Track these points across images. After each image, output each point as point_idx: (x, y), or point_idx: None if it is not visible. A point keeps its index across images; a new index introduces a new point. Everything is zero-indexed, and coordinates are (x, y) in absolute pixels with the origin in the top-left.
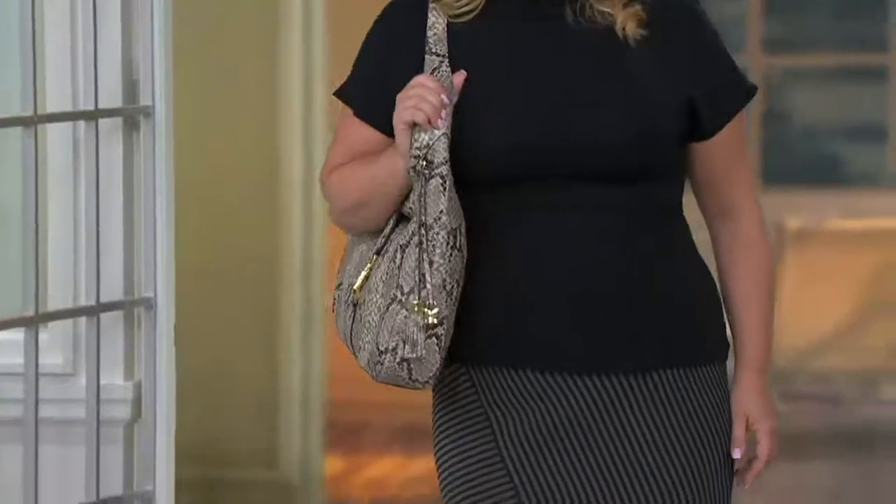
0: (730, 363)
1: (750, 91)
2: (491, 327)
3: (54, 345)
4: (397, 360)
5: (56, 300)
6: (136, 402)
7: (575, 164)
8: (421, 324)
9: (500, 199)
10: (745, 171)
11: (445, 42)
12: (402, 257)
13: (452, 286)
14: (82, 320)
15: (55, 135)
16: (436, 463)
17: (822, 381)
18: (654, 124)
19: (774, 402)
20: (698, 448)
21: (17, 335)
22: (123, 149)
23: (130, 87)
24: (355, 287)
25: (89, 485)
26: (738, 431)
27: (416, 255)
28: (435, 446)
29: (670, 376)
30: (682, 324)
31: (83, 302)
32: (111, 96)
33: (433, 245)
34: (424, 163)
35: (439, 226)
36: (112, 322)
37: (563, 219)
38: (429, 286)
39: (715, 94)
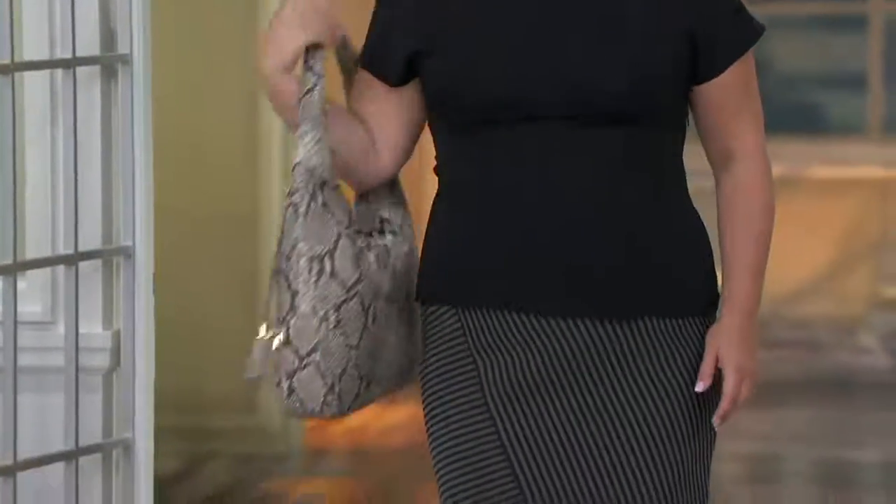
0: None
1: (756, 32)
2: (480, 270)
3: (33, 293)
4: (283, 393)
5: (34, 249)
6: (115, 351)
7: (569, 105)
8: (290, 358)
9: (492, 142)
10: (751, 119)
11: None
12: (276, 285)
13: (327, 311)
14: (60, 269)
15: (32, 83)
16: (422, 403)
17: (800, 328)
18: (651, 64)
19: (754, 347)
20: (677, 398)
21: None
22: (101, 97)
23: (108, 35)
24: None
25: (68, 433)
26: (705, 366)
27: (280, 285)
28: (422, 387)
29: (652, 325)
30: (666, 273)
31: (61, 250)
32: (89, 44)
33: (294, 274)
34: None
35: (296, 254)
36: (90, 271)
37: (553, 162)
38: (295, 318)
39: (716, 33)
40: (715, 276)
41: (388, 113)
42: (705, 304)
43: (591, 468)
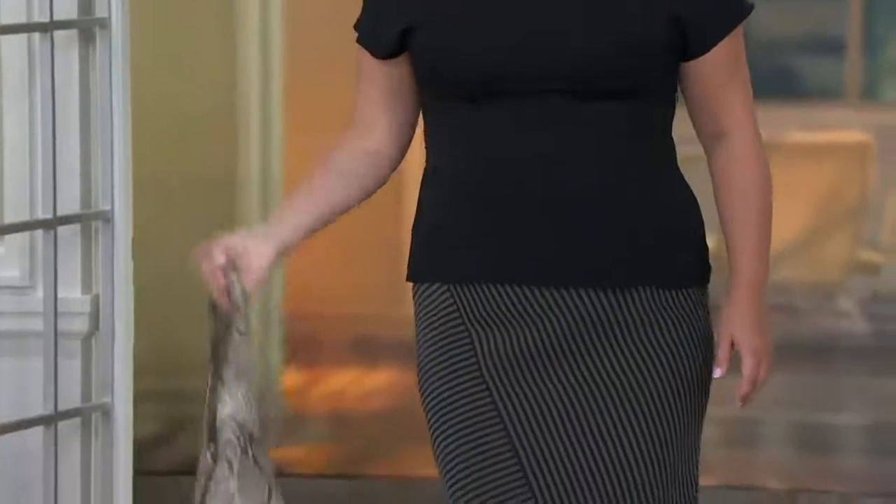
0: None
1: (745, 7)
2: (472, 245)
3: (11, 258)
4: None
5: (12, 213)
6: (94, 315)
7: (555, 80)
8: None
9: (479, 115)
10: (740, 91)
11: None
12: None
13: None
14: (39, 233)
15: (10, 47)
16: (418, 380)
17: (779, 293)
18: (641, 37)
19: (767, 324)
20: (668, 370)
21: None
22: (79, 62)
23: None
24: None
25: (47, 397)
26: (721, 352)
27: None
28: (418, 365)
29: (647, 295)
30: (660, 244)
31: (40, 215)
32: (66, 8)
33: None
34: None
35: None
36: (69, 235)
37: (543, 136)
38: None
39: (705, 9)
40: (706, 248)
41: (389, 89)
42: (699, 275)
43: (587, 438)
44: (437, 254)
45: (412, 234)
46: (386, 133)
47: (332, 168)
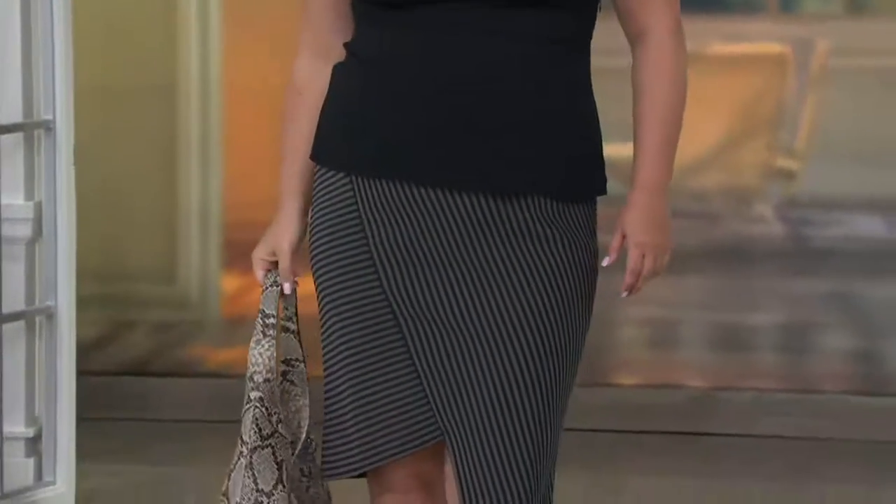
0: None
1: None
2: (374, 139)
3: None
4: None
5: None
6: (37, 221)
7: None
8: None
9: (401, 17)
10: None
11: None
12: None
13: None
14: None
15: None
16: (310, 259)
17: (698, 200)
18: None
19: (661, 223)
20: (554, 278)
21: None
22: None
23: None
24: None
25: None
26: (613, 242)
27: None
28: (310, 242)
29: (532, 204)
30: (551, 155)
31: None
32: None
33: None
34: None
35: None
36: (12, 144)
37: (458, 40)
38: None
39: None
40: (602, 163)
41: (340, 13)
42: (591, 189)
43: (473, 337)
44: (341, 140)
45: (321, 112)
46: (341, 56)
47: (304, 112)
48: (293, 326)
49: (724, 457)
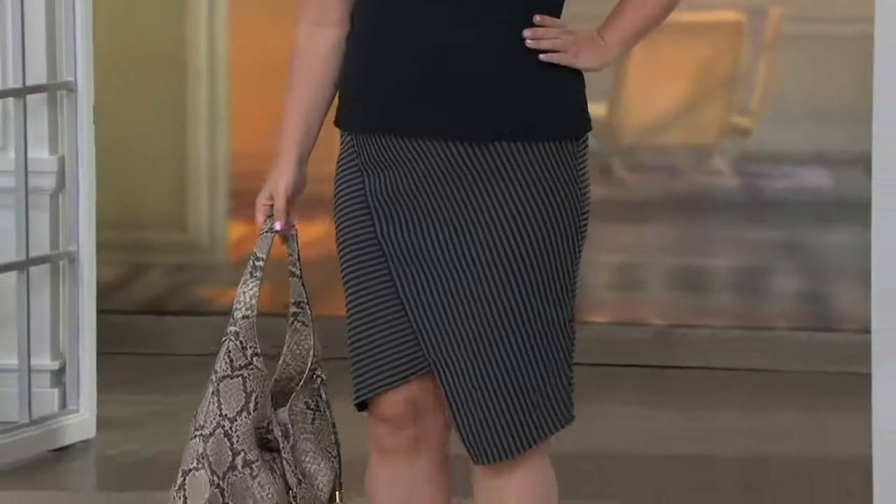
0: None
1: None
2: (367, 97)
3: None
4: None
5: None
6: (60, 174)
7: None
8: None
9: None
10: None
11: None
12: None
13: None
14: (10, 101)
15: None
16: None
17: (660, 155)
18: None
19: (602, 51)
20: (525, 216)
21: None
22: None
23: None
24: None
25: (20, 245)
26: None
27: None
28: (334, 201)
29: (502, 148)
30: (512, 103)
31: (11, 85)
32: None
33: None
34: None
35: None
36: (37, 103)
37: (424, 10)
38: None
39: None
40: (577, 102)
41: None
42: (561, 129)
43: (454, 274)
44: (346, 104)
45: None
46: (347, 19)
47: (307, 70)
48: (297, 271)
49: (684, 387)
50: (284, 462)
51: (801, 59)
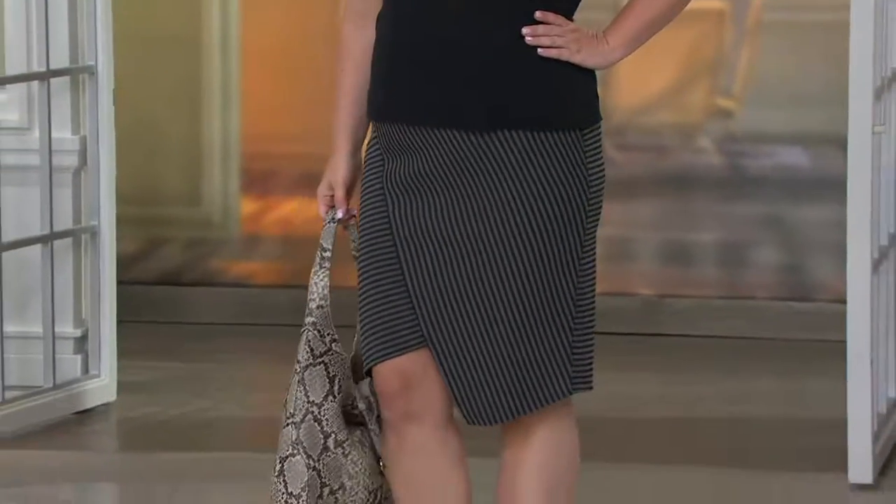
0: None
1: None
2: (384, 88)
3: (12, 104)
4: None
5: (12, 67)
6: (82, 153)
7: None
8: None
9: None
10: None
11: None
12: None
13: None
14: (35, 84)
15: None
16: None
17: (649, 135)
18: None
19: (604, 51)
20: (528, 202)
21: None
22: None
23: None
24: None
25: (44, 220)
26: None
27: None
28: (360, 182)
29: (507, 137)
30: (516, 94)
31: (36, 68)
32: None
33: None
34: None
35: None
36: (60, 86)
37: (434, 7)
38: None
39: None
40: (584, 98)
41: None
42: (566, 120)
43: (457, 256)
44: (372, 96)
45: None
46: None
47: (352, 65)
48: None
49: (671, 354)
50: (372, 434)
51: (781, 45)
